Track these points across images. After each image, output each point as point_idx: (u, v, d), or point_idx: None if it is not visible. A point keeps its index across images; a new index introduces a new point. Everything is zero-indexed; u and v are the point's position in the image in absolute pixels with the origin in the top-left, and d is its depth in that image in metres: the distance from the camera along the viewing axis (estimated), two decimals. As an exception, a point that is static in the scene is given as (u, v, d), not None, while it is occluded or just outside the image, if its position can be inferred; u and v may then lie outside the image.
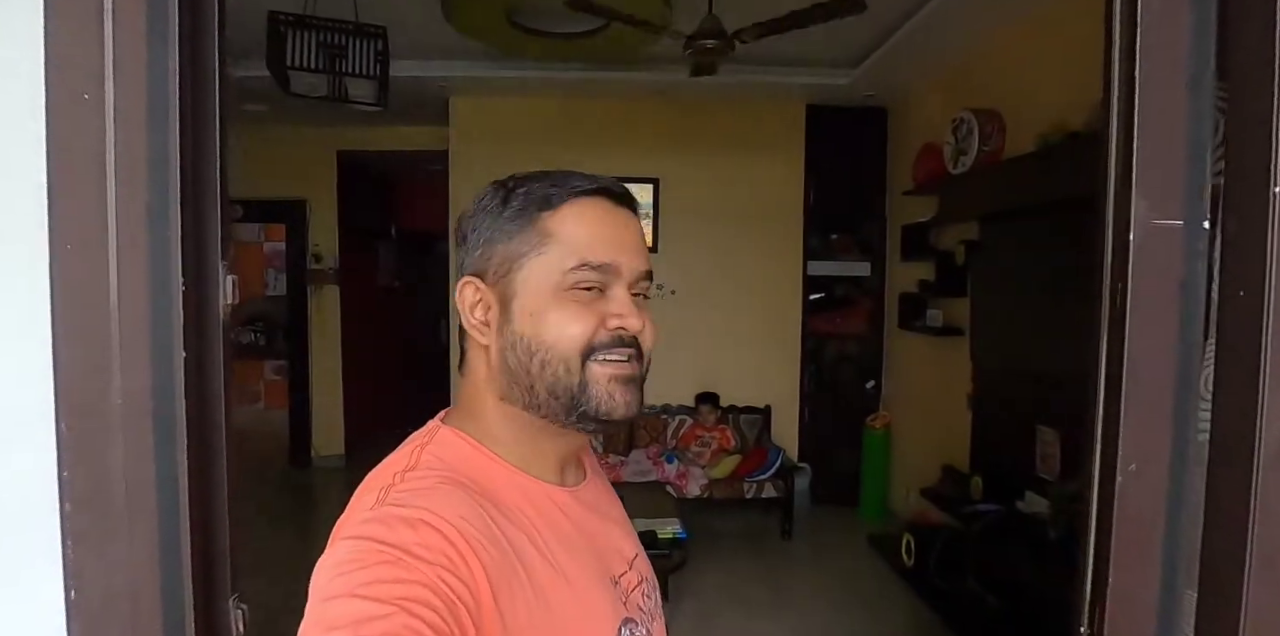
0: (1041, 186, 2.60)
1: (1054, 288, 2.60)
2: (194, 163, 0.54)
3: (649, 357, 0.67)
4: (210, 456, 0.56)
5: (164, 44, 0.51)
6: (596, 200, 0.65)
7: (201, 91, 0.54)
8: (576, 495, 0.69)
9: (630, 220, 0.67)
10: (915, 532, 3.51)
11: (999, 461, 3.18)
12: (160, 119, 0.50)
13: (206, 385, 0.56)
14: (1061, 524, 2.60)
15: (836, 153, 4.54)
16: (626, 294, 0.64)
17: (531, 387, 0.62)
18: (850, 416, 4.66)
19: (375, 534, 0.51)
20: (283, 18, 2.49)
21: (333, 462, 5.55)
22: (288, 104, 4.36)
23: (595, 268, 0.62)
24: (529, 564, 0.57)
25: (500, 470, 0.64)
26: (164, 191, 0.51)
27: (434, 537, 0.52)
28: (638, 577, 0.71)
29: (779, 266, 4.64)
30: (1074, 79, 2.65)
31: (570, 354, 0.61)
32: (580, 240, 0.62)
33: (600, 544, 0.68)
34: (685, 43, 2.50)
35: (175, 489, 0.53)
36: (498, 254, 0.64)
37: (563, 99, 4.47)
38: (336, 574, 0.50)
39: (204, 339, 0.56)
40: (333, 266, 5.52)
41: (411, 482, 0.57)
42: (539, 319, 0.62)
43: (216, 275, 0.57)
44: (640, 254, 0.66)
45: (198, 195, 0.55)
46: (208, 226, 0.56)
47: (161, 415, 0.51)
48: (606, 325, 0.62)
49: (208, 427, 0.56)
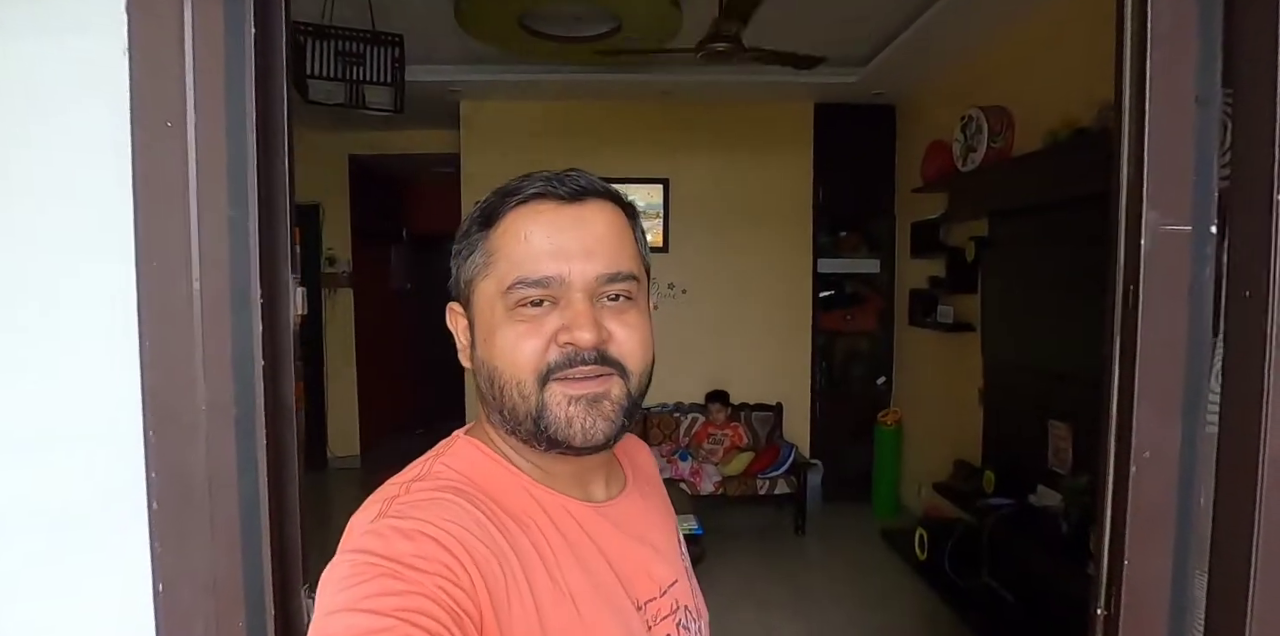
0: (1051, 183, 2.63)
1: (1065, 283, 2.62)
2: (266, 179, 0.58)
3: (638, 371, 0.60)
4: (284, 457, 0.60)
5: (241, 68, 0.55)
6: (538, 205, 0.58)
7: (270, 108, 0.58)
8: (603, 511, 0.64)
9: (585, 217, 0.59)
10: (928, 527, 3.54)
11: (1011, 456, 3.20)
12: (238, 137, 0.54)
13: (280, 390, 0.60)
14: (1074, 517, 2.62)
15: (845, 151, 4.57)
16: (583, 304, 0.57)
17: (501, 412, 0.60)
18: (861, 413, 4.69)
19: (372, 547, 0.50)
20: (302, 28, 2.54)
21: (349, 463, 5.62)
22: (300, 109, 4.43)
23: (533, 283, 0.56)
24: (534, 579, 0.55)
25: (514, 481, 0.61)
26: (244, 207, 0.55)
27: (432, 548, 0.50)
28: (671, 605, 0.65)
29: (789, 264, 4.67)
30: (1082, 76, 2.67)
31: (522, 377, 0.57)
32: (516, 255, 0.57)
33: (626, 565, 0.63)
34: (696, 46, 2.54)
35: (255, 488, 0.57)
36: (461, 278, 0.62)
37: (572, 101, 4.51)
38: (337, 590, 0.49)
39: (278, 347, 0.60)
40: (346, 270, 5.58)
41: (416, 494, 0.56)
42: (491, 343, 0.58)
43: (288, 287, 0.62)
44: (600, 254, 0.58)
45: (270, 211, 0.59)
46: (279, 240, 0.61)
47: (243, 421, 0.55)
48: (558, 341, 0.57)
49: (282, 428, 0.60)
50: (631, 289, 0.60)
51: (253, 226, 0.56)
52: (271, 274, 0.59)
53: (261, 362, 0.57)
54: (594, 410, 0.57)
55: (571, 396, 0.57)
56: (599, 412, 0.57)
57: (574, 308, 0.56)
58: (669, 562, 0.68)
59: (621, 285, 0.59)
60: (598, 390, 0.57)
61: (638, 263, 0.62)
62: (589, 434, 0.57)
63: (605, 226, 0.59)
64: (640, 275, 0.62)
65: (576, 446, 0.58)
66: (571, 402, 0.57)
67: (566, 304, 0.57)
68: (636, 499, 0.69)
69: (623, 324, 0.59)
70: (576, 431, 0.57)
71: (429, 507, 0.53)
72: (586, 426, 0.57)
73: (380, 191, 6.14)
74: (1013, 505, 2.99)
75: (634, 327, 0.59)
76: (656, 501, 0.74)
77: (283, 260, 0.61)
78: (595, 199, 0.60)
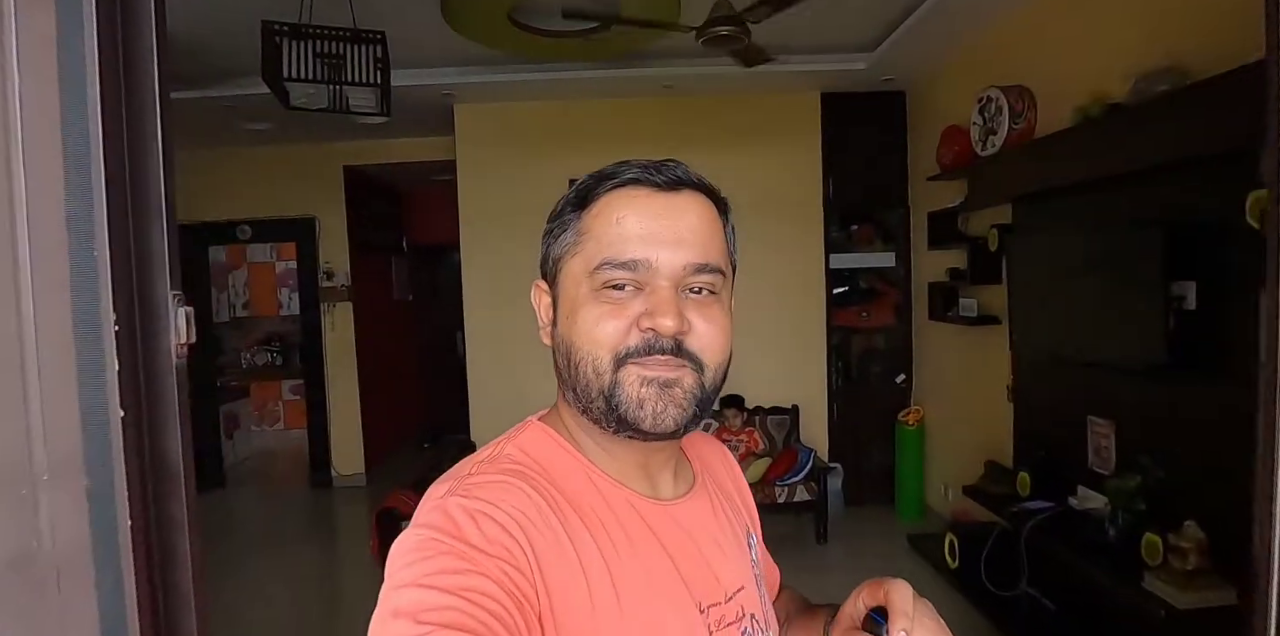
0: (1084, 162, 2.45)
1: (1104, 268, 2.44)
2: (130, 162, 0.42)
3: (714, 365, 0.59)
4: (169, 534, 0.44)
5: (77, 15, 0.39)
6: (632, 190, 0.60)
7: (136, 71, 0.42)
8: (669, 510, 0.64)
9: (679, 206, 0.60)
10: (958, 532, 3.35)
11: (1047, 455, 3.02)
12: (78, 106, 0.39)
13: (157, 446, 0.44)
14: (1123, 521, 2.44)
15: (854, 141, 4.39)
16: (668, 291, 0.57)
17: (575, 390, 0.60)
18: (881, 412, 4.51)
19: (440, 524, 0.51)
20: (277, 28, 2.40)
21: (353, 481, 5.48)
22: (291, 121, 4.31)
23: (620, 265, 0.57)
24: (590, 569, 0.55)
25: (581, 469, 0.61)
26: (87, 199, 0.39)
27: (495, 531, 0.51)
28: (737, 613, 0.64)
29: (800, 261, 4.50)
30: (1110, 48, 2.50)
31: (599, 354, 0.58)
32: (606, 237, 0.58)
33: (689, 566, 0.62)
34: (698, 32, 2.38)
35: (119, 582, 0.41)
36: (550, 256, 0.63)
37: (568, 100, 4.36)
38: (405, 563, 0.50)
39: (151, 388, 0.44)
40: (345, 283, 5.46)
41: (484, 475, 0.57)
42: (573, 320, 0.59)
43: (165, 307, 0.45)
44: (687, 244, 0.58)
45: (136, 205, 0.43)
46: (150, 246, 0.45)
47: (99, 493, 0.40)
48: (639, 326, 0.57)
49: (164, 496, 0.44)
50: (716, 282, 0.60)
51: (100, 222, 0.40)
52: (141, 290, 0.44)
53: (120, 413, 0.41)
54: (666, 395, 0.57)
55: (645, 377, 0.57)
56: (670, 398, 0.57)
57: (658, 294, 0.57)
58: (737, 568, 0.67)
59: (707, 277, 0.59)
60: (671, 376, 0.57)
61: (725, 258, 0.62)
62: (659, 418, 0.57)
63: (697, 218, 0.60)
64: (727, 270, 0.62)
65: (644, 430, 0.58)
66: (645, 384, 0.57)
67: (651, 290, 0.57)
68: (704, 500, 0.69)
69: (704, 317, 0.59)
70: (647, 413, 0.57)
71: (494, 490, 0.54)
72: (658, 410, 0.57)
73: (378, 202, 6.02)
74: (1052, 508, 2.80)
75: (714, 322, 0.59)
76: (727, 505, 0.72)
77: (158, 271, 0.45)
78: (690, 190, 0.61)
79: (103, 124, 0.39)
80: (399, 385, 6.32)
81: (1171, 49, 2.18)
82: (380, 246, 6.04)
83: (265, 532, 4.81)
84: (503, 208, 4.39)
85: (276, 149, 5.25)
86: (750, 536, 0.74)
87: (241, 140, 4.99)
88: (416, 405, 6.80)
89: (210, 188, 5.28)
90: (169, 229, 0.45)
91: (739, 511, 0.75)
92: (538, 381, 0.75)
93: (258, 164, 5.31)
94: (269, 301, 7.44)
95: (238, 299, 7.44)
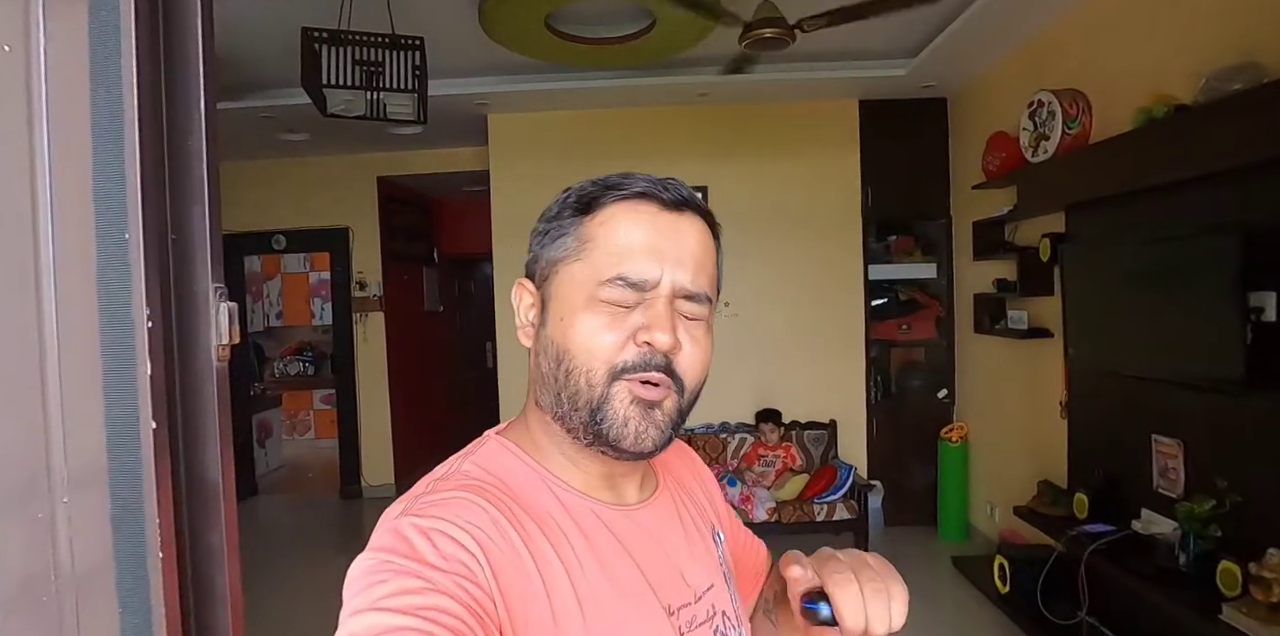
0: (1149, 167, 2.33)
1: (1170, 278, 2.31)
2: (169, 134, 0.36)
3: (692, 389, 0.60)
4: (206, 570, 0.38)
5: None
6: (640, 204, 0.60)
7: (178, 27, 0.37)
8: (632, 515, 0.64)
9: (681, 226, 0.60)
10: (1008, 555, 3.20)
11: (1106, 476, 2.86)
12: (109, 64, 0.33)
13: (196, 463, 0.38)
14: (1195, 548, 2.28)
15: (894, 149, 4.29)
16: (665, 307, 0.58)
17: (559, 395, 0.59)
18: (922, 428, 4.36)
19: (393, 545, 0.51)
20: (316, 34, 2.39)
21: (383, 492, 5.45)
22: (327, 132, 4.35)
23: (631, 284, 0.57)
24: (550, 582, 0.54)
25: (540, 481, 0.61)
26: (119, 174, 0.33)
27: (450, 547, 0.51)
28: (708, 611, 0.64)
29: (838, 272, 4.39)
30: (1172, 47, 2.39)
31: (595, 365, 0.57)
32: (617, 249, 0.58)
33: (656, 570, 0.61)
34: (741, 32, 2.32)
35: (148, 621, 0.34)
36: (543, 257, 0.62)
37: (603, 109, 4.33)
38: (358, 589, 0.49)
39: (187, 396, 0.38)
40: (377, 293, 5.47)
41: (438, 493, 0.56)
42: (569, 325, 0.58)
43: (206, 301, 0.39)
44: (689, 266, 0.59)
45: (175, 183, 0.37)
46: (191, 230, 0.39)
47: (125, 517, 0.33)
48: (636, 340, 0.57)
49: (200, 523, 0.38)
50: (704, 311, 0.61)
51: (133, 200, 0.34)
52: (179, 282, 0.37)
53: (152, 424, 0.34)
54: (649, 416, 0.58)
55: (636, 396, 0.57)
56: (652, 420, 0.58)
57: (656, 309, 0.57)
58: (704, 567, 0.67)
59: (696, 307, 0.60)
60: (655, 398, 0.58)
61: (714, 285, 0.63)
62: (640, 438, 0.57)
63: (697, 242, 0.61)
64: (714, 298, 0.63)
65: (624, 449, 0.58)
66: (634, 403, 0.57)
67: (649, 305, 0.58)
68: (668, 501, 0.69)
69: (692, 338, 0.59)
70: (630, 432, 0.57)
71: (449, 507, 0.54)
72: (640, 430, 0.57)
73: (410, 213, 6.05)
74: (1114, 532, 2.65)
75: (699, 344, 0.60)
76: (690, 503, 0.72)
77: (199, 260, 0.38)
78: (691, 212, 0.61)
79: (138, 89, 0.33)
80: (429, 396, 6.31)
81: (1246, 44, 2.06)
82: (412, 257, 6.05)
83: (296, 542, 4.79)
84: (536, 218, 4.35)
85: (312, 160, 5.30)
86: (717, 533, 0.73)
87: (278, 151, 5.04)
88: (447, 416, 6.78)
89: (247, 198, 5.34)
90: (211, 212, 0.38)
91: (703, 509, 0.74)
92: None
93: (294, 175, 5.36)
94: (302, 311, 7.51)
95: (271, 308, 7.53)
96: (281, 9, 2.84)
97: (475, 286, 7.13)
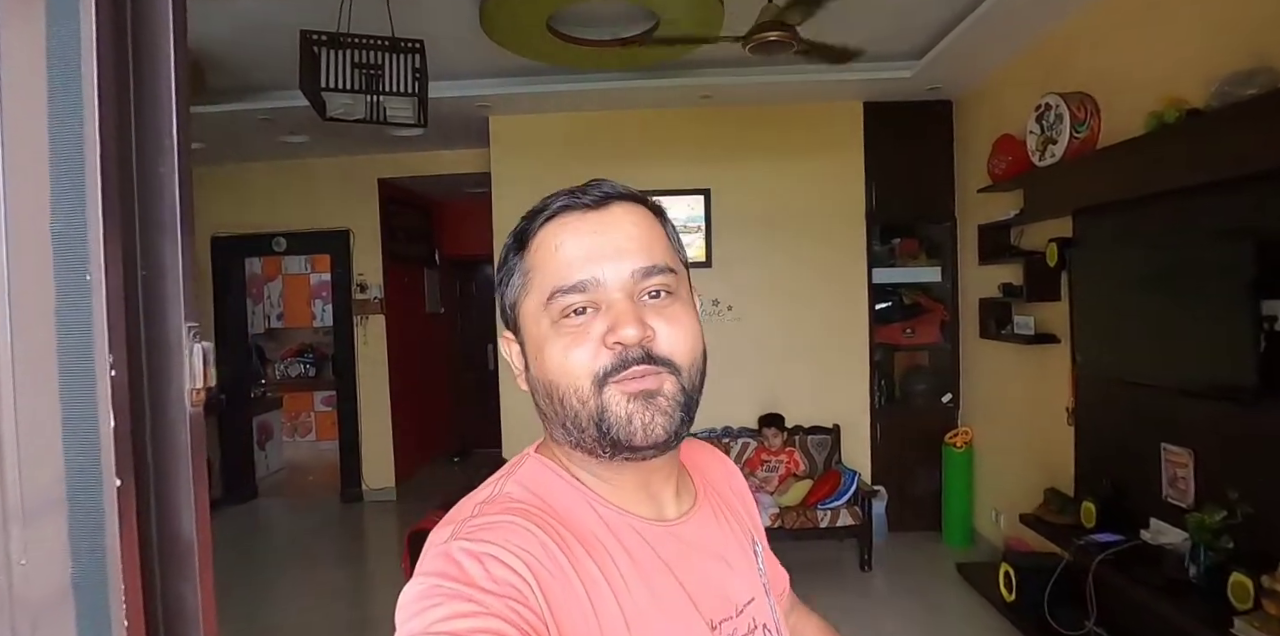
0: (1160, 171, 2.29)
1: (1181, 285, 2.27)
2: (138, 165, 0.33)
3: (688, 366, 0.59)
4: (178, 626, 0.35)
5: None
6: (563, 218, 0.60)
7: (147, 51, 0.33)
8: (673, 530, 0.63)
9: (611, 220, 0.60)
10: (1014, 563, 3.17)
11: (1114, 484, 2.83)
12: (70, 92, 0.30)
13: (168, 516, 0.35)
14: (1206, 559, 2.25)
15: (898, 152, 4.26)
16: (624, 302, 0.57)
17: (564, 426, 0.59)
18: (925, 434, 4.32)
19: (444, 569, 0.51)
20: (315, 37, 2.36)
21: (384, 495, 5.42)
22: (328, 134, 4.32)
23: (570, 289, 0.57)
24: (598, 602, 0.54)
25: (582, 499, 0.61)
26: (79, 206, 0.30)
27: (501, 571, 0.51)
28: (749, 625, 0.64)
29: (841, 275, 4.36)
30: (1184, 50, 2.35)
31: (579, 384, 0.57)
32: (549, 267, 0.59)
33: (698, 585, 0.61)
34: (744, 39, 2.29)
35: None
36: (505, 303, 0.63)
37: (604, 111, 4.30)
38: (412, 614, 0.49)
39: (160, 447, 0.34)
40: (378, 295, 5.44)
41: (486, 516, 0.56)
42: (542, 358, 0.59)
43: (180, 344, 0.36)
44: (629, 252, 0.58)
45: (145, 219, 0.34)
46: (162, 265, 0.35)
47: (86, 590, 0.30)
48: (606, 344, 0.57)
49: (172, 581, 0.35)
50: (670, 282, 0.60)
51: (95, 238, 0.30)
52: (149, 322, 0.34)
53: (116, 482, 0.31)
54: (651, 406, 0.57)
55: (629, 393, 0.57)
56: (656, 407, 0.57)
57: (615, 307, 0.57)
58: (745, 580, 0.67)
59: (658, 278, 0.59)
60: (650, 387, 0.57)
61: (673, 256, 0.62)
62: (649, 429, 0.57)
63: (632, 225, 0.60)
64: (678, 268, 0.62)
65: (637, 445, 0.57)
66: (630, 400, 0.57)
67: (608, 306, 0.57)
68: (708, 513, 0.68)
69: (665, 319, 0.59)
70: (637, 427, 0.57)
71: (498, 531, 0.54)
72: (646, 421, 0.57)
73: (411, 215, 6.02)
74: (1123, 542, 2.61)
75: (677, 321, 0.59)
76: (730, 515, 0.72)
77: (170, 298, 0.35)
78: (619, 202, 0.61)
79: (100, 111, 0.30)
80: (430, 399, 6.28)
81: (1259, 49, 2.03)
82: (413, 259, 6.03)
83: (295, 546, 4.77)
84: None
85: (313, 161, 5.28)
86: (756, 544, 0.74)
87: (279, 153, 5.02)
88: (447, 419, 6.75)
89: (248, 200, 5.32)
90: (185, 244, 0.35)
91: (742, 520, 0.74)
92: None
93: (294, 177, 5.34)
94: (303, 313, 7.49)
95: (272, 310, 7.50)
96: (281, 11, 2.82)
97: (476, 288, 7.10)
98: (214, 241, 5.35)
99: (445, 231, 6.64)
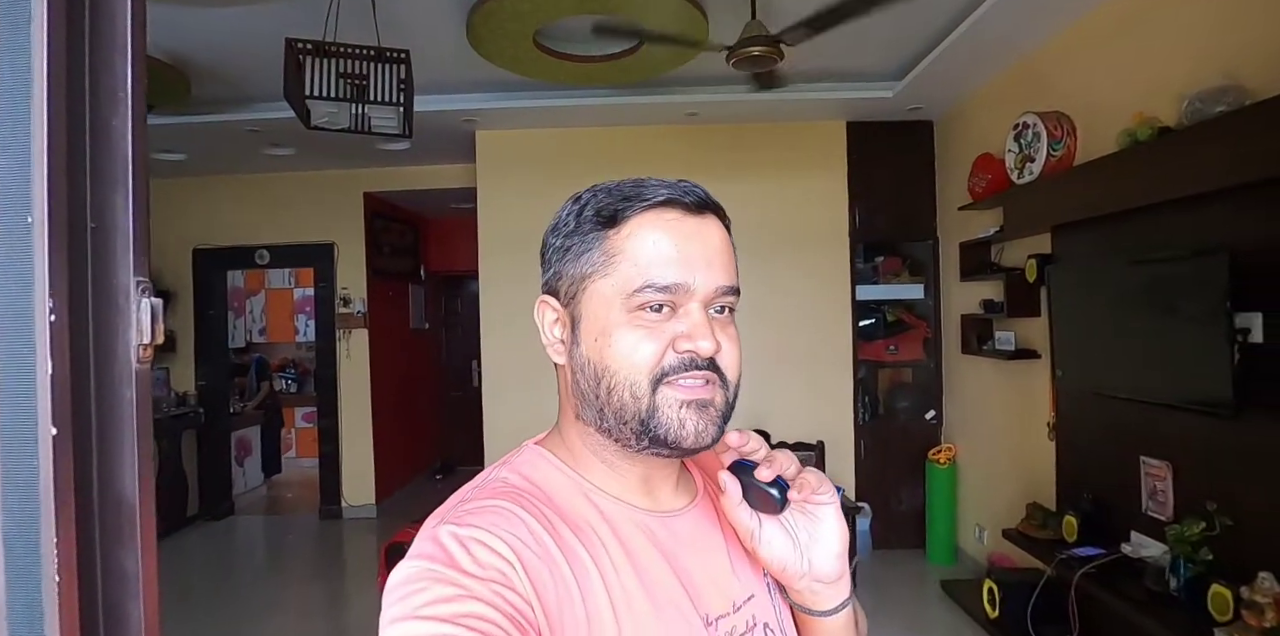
0: (1134, 188, 2.33)
1: (1157, 299, 2.30)
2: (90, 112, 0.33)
3: (735, 383, 0.62)
4: (116, 593, 0.33)
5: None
6: (664, 212, 0.60)
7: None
8: (669, 523, 0.64)
9: (706, 229, 0.61)
10: (998, 579, 3.15)
11: (1095, 498, 2.83)
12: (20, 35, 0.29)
13: (109, 474, 0.34)
14: (1185, 571, 2.25)
15: (880, 170, 4.32)
16: (701, 313, 0.59)
17: (601, 411, 0.60)
18: (909, 450, 4.33)
19: (431, 553, 0.52)
20: (301, 45, 2.37)
21: (363, 512, 5.33)
22: (313, 146, 4.32)
23: (661, 289, 0.58)
24: (586, 588, 0.55)
25: (577, 488, 0.62)
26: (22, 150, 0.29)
27: (487, 555, 0.52)
28: (748, 622, 0.63)
29: (825, 293, 4.38)
30: (1156, 70, 2.42)
31: (637, 379, 0.58)
32: (644, 259, 0.58)
33: (695, 578, 0.61)
34: (729, 53, 2.32)
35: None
36: (567, 274, 0.62)
37: (591, 127, 4.33)
38: (398, 597, 0.50)
39: (104, 401, 0.33)
40: (361, 310, 5.40)
41: (475, 501, 0.57)
42: (604, 343, 0.59)
43: (126, 294, 0.35)
44: (718, 266, 0.60)
45: (96, 171, 0.33)
46: (113, 218, 0.35)
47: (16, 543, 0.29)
48: (676, 347, 0.58)
49: (111, 547, 0.33)
50: (734, 304, 0.64)
51: (39, 181, 0.30)
52: (97, 274, 0.33)
53: (52, 430, 0.30)
54: (705, 415, 0.59)
55: (684, 401, 0.58)
56: (708, 417, 0.59)
57: (693, 317, 0.59)
58: (744, 576, 0.66)
59: (730, 298, 0.62)
60: (706, 397, 0.59)
61: (737, 277, 0.64)
62: (701, 436, 0.58)
63: (720, 240, 0.62)
64: (740, 288, 0.64)
65: (686, 447, 0.59)
66: (684, 406, 0.58)
67: (685, 313, 0.59)
68: (708, 509, 0.68)
69: (727, 336, 0.62)
70: (689, 432, 0.58)
71: (485, 515, 0.55)
72: (700, 429, 0.58)
73: (397, 229, 6.01)
74: (1104, 555, 2.61)
75: (733, 340, 0.63)
76: None
77: (119, 251, 0.35)
78: (711, 212, 0.63)
79: (49, 56, 0.30)
80: (413, 415, 6.21)
81: (1229, 67, 2.08)
82: (398, 274, 6.00)
83: (272, 563, 4.67)
84: (523, 236, 4.28)
85: (298, 175, 5.27)
86: None
87: (263, 166, 5.01)
88: (431, 436, 6.67)
89: (231, 212, 5.29)
90: (136, 200, 0.35)
91: None
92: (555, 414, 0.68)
93: (278, 189, 5.32)
94: (286, 327, 7.42)
95: (254, 324, 7.42)
96: (266, 22, 2.83)
97: (463, 304, 7.08)
98: (195, 254, 5.30)
99: (431, 247, 6.63)
